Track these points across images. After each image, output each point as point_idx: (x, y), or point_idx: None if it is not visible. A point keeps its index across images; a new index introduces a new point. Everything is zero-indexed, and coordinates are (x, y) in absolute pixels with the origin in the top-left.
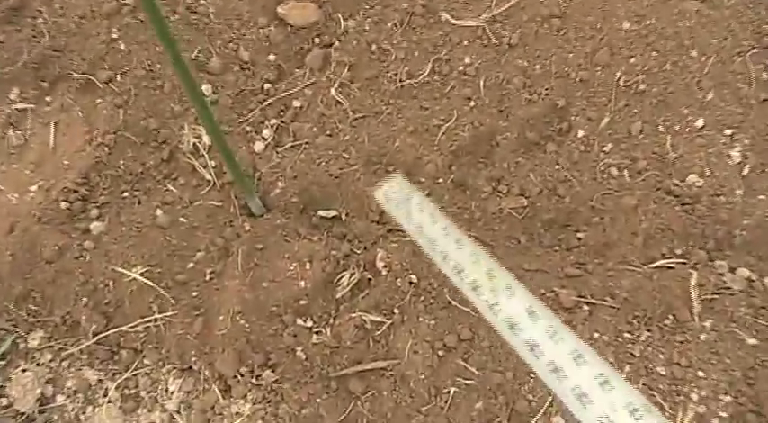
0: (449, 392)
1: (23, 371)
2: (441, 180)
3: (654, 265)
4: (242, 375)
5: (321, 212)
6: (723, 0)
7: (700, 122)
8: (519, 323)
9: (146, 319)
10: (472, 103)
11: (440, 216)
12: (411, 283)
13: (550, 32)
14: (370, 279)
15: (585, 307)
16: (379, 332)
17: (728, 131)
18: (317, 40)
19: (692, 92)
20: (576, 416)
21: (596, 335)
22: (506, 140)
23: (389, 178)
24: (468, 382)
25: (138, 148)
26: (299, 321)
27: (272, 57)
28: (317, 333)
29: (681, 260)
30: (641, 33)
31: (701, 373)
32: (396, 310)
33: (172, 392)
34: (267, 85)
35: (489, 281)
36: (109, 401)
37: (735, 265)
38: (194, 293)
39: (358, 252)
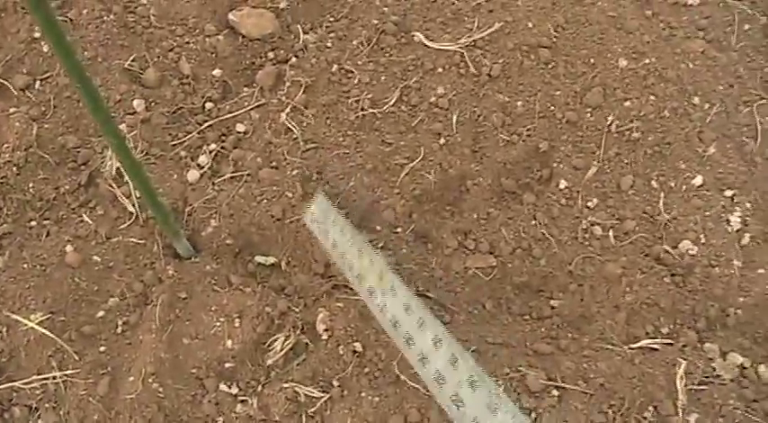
0: None
1: None
2: (399, 229)
3: (636, 345)
4: None
5: (258, 258)
6: (731, 42)
7: (698, 180)
8: (399, 321)
9: (43, 375)
10: (442, 141)
11: (348, 228)
12: (355, 352)
13: (537, 65)
14: (307, 344)
15: (555, 392)
16: (313, 408)
17: (729, 192)
18: (270, 55)
19: (691, 144)
20: None
21: None
22: (478, 187)
23: (313, 201)
24: None
25: (51, 169)
26: (223, 387)
27: (217, 71)
28: (242, 402)
29: (667, 340)
30: (639, 73)
31: None
32: (335, 383)
33: None
34: (209, 105)
35: (380, 281)
36: None
37: (727, 349)
38: (102, 348)
39: (296, 310)
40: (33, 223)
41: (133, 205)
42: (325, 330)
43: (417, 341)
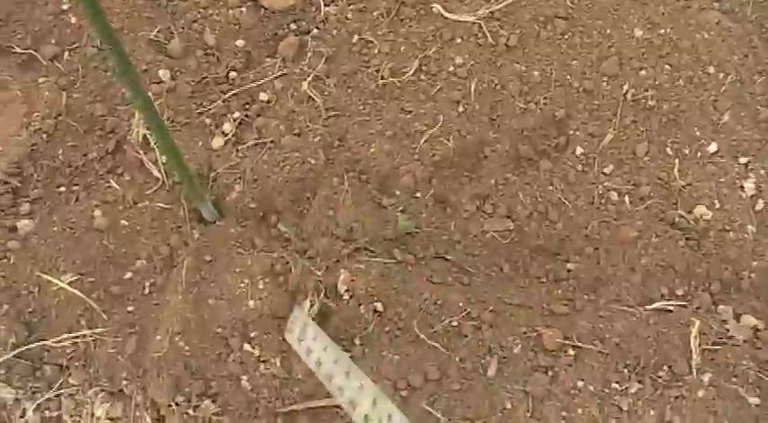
0: None
1: None
2: (419, 194)
3: (651, 307)
4: (178, 404)
5: (281, 227)
6: (746, 12)
7: (712, 147)
8: None
9: (73, 334)
10: (461, 109)
11: (331, 346)
12: (376, 311)
13: (554, 35)
14: (330, 304)
15: (571, 351)
16: None
17: (743, 159)
18: (292, 26)
19: (706, 112)
20: None
21: (581, 384)
22: (496, 153)
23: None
24: None
25: (80, 136)
26: (247, 347)
27: (240, 42)
28: (265, 362)
29: (681, 303)
30: (654, 43)
31: None
32: (356, 341)
33: (98, 418)
34: (233, 74)
35: (374, 407)
36: None
37: (740, 312)
38: (129, 308)
39: (319, 272)
40: (63, 189)
41: (159, 171)
42: (347, 291)
43: None
